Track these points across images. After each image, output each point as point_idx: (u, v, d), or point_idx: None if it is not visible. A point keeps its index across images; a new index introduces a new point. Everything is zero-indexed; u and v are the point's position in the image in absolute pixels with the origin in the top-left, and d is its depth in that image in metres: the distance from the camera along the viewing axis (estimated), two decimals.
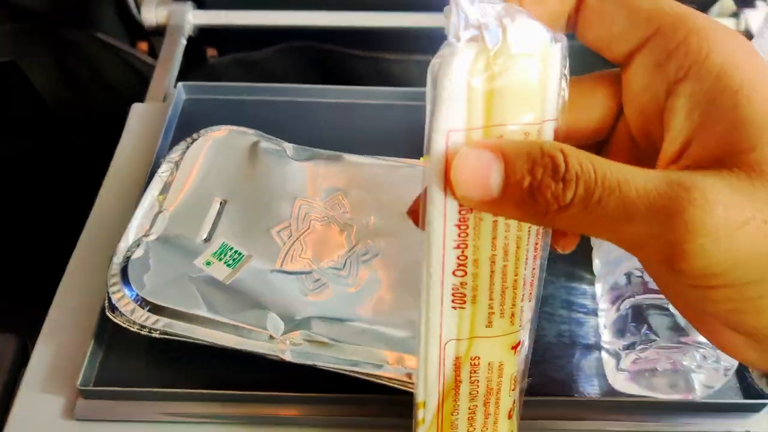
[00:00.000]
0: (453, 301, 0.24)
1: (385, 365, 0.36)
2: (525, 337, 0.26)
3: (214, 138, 0.46)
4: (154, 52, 0.86)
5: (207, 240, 0.42)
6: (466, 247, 0.23)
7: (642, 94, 0.25)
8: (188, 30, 0.66)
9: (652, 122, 0.24)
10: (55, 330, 0.43)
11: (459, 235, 0.23)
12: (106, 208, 0.49)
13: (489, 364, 0.26)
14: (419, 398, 0.27)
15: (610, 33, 0.25)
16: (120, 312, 0.39)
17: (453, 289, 0.24)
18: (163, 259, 0.41)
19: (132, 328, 0.39)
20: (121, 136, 0.54)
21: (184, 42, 0.64)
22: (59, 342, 0.43)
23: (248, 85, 0.56)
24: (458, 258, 0.23)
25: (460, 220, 0.23)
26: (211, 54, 0.85)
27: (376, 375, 0.36)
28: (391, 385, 0.36)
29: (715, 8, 0.71)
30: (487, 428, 0.28)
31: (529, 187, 0.21)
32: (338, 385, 0.38)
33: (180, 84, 0.56)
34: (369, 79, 0.76)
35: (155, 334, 0.38)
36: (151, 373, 0.41)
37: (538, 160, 0.21)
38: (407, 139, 0.49)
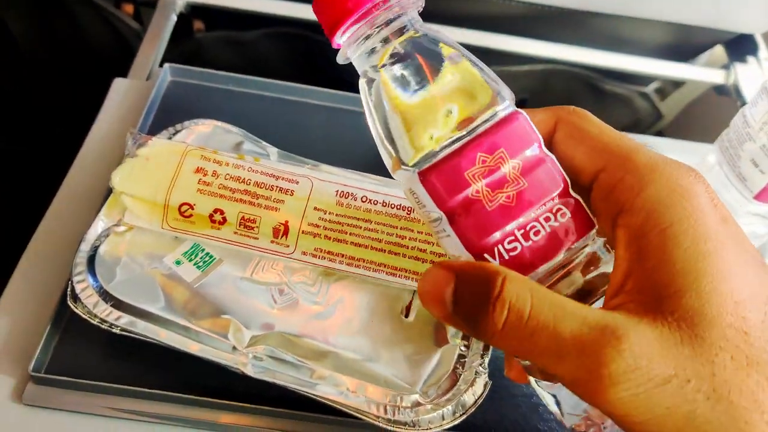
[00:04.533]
0: None
1: (345, 392, 0.36)
2: None
3: (198, 132, 0.45)
4: (138, 17, 0.83)
5: (178, 237, 0.41)
6: None
7: (600, 217, 0.27)
8: (180, 6, 0.64)
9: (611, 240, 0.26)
10: (11, 308, 0.42)
11: None
12: (76, 186, 0.48)
13: None
14: None
15: (573, 165, 0.27)
16: (82, 303, 0.38)
17: None
18: (131, 253, 0.40)
19: (93, 321, 0.38)
20: (99, 111, 0.52)
21: (174, 18, 0.62)
22: (14, 321, 0.41)
23: (237, 76, 0.54)
24: None
25: None
26: (198, 27, 0.83)
27: (335, 401, 0.36)
28: (350, 412, 0.36)
29: (704, 57, 0.72)
30: None
31: (471, 308, 0.24)
32: (297, 401, 0.38)
33: (167, 65, 0.54)
34: (352, 76, 0.76)
35: (116, 330, 0.38)
36: (107, 367, 0.40)
37: (481, 283, 0.23)
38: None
